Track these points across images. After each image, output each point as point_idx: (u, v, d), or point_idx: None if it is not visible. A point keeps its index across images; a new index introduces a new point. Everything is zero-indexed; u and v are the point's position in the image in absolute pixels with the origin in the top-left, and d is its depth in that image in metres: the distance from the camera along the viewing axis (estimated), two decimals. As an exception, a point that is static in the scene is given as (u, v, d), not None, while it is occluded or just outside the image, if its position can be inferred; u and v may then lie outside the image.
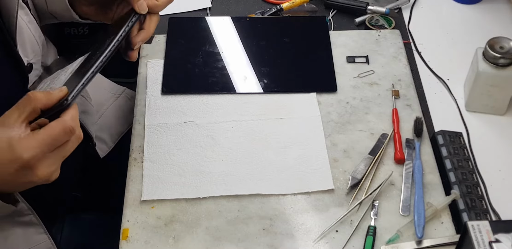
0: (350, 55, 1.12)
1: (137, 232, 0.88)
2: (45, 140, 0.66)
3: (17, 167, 0.65)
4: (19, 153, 0.65)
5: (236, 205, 0.91)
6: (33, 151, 0.65)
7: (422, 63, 1.14)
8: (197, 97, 1.05)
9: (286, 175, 0.95)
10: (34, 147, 0.65)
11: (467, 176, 0.93)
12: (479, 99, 1.04)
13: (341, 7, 1.24)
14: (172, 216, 0.90)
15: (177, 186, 0.93)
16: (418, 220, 0.88)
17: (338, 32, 1.17)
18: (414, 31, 1.21)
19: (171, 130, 1.01)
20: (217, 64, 1.10)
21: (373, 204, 0.91)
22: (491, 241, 0.74)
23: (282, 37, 1.15)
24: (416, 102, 1.05)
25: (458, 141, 0.98)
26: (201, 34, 1.16)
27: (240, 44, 1.14)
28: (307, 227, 0.89)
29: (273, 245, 0.87)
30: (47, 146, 0.66)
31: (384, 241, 0.87)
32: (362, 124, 1.02)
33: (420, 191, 0.92)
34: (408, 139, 0.99)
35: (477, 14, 1.24)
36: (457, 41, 1.19)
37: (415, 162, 0.95)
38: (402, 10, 1.26)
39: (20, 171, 0.66)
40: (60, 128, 0.66)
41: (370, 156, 0.96)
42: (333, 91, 1.06)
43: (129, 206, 0.91)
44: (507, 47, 0.98)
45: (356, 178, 0.94)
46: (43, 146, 0.66)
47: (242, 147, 0.98)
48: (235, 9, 1.26)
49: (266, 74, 1.09)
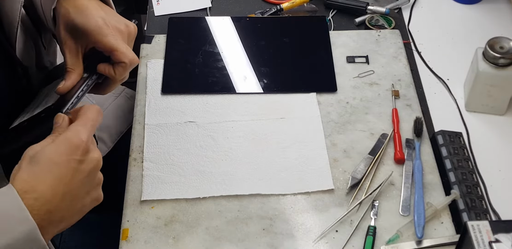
0: (350, 55, 1.12)
1: (137, 232, 0.88)
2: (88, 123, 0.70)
3: (81, 153, 0.67)
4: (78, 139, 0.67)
5: (236, 205, 0.91)
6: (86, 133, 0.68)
7: (422, 63, 1.14)
8: (197, 97, 1.05)
9: (286, 175, 0.95)
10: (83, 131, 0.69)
11: (467, 176, 0.93)
12: (479, 99, 1.04)
13: (341, 7, 1.24)
14: (172, 216, 0.90)
15: (177, 186, 0.93)
16: (418, 220, 0.88)
17: (338, 32, 1.17)
18: (414, 31, 1.21)
19: (171, 130, 1.01)
20: (217, 64, 1.10)
21: (373, 204, 0.91)
22: (491, 241, 0.74)
23: (282, 37, 1.15)
24: (416, 102, 1.05)
25: (458, 141, 0.98)
26: (201, 34, 1.16)
27: (240, 44, 1.14)
28: (307, 227, 0.89)
29: (273, 245, 0.87)
30: (91, 127, 0.70)
31: (384, 241, 0.87)
32: (362, 124, 1.02)
33: (420, 191, 0.92)
34: (408, 139, 0.99)
35: (477, 14, 1.24)
36: (457, 41, 1.19)
37: (415, 162, 0.95)
38: (402, 10, 1.26)
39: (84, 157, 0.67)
40: (94, 111, 0.72)
41: (370, 156, 0.96)
42: (333, 91, 1.06)
43: (129, 206, 0.91)
44: (507, 47, 0.98)
45: (356, 178, 0.94)
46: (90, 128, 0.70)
47: (242, 147, 0.98)
48: (235, 9, 1.26)
49: (266, 74, 1.09)
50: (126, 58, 0.81)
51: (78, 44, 0.82)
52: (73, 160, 0.66)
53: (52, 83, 0.91)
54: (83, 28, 0.81)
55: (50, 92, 0.88)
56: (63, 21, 0.82)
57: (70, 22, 0.81)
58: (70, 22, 0.81)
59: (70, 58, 0.82)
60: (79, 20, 0.81)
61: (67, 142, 0.67)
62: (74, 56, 0.82)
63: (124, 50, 0.81)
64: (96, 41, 0.81)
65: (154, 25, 1.22)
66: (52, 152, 0.65)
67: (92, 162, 0.68)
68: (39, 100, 0.88)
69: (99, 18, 0.82)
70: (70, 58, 0.82)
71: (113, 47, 0.81)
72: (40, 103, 0.86)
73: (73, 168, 0.66)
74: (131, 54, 0.82)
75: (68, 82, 0.80)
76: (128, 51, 0.82)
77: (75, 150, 0.66)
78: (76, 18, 0.81)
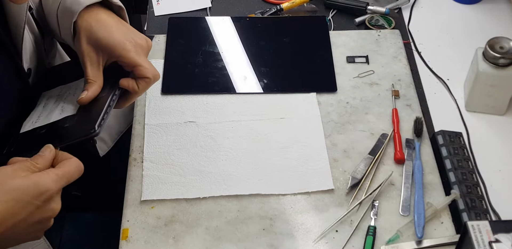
0: (350, 55, 1.12)
1: (137, 232, 0.88)
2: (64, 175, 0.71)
3: (43, 200, 0.68)
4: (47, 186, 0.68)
5: (236, 205, 0.91)
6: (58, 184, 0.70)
7: (422, 63, 1.14)
8: (197, 97, 1.06)
9: (286, 175, 0.95)
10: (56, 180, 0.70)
11: (467, 176, 0.93)
12: (479, 99, 1.04)
13: (341, 7, 1.24)
14: (172, 216, 0.90)
15: (177, 186, 0.93)
16: (418, 220, 0.88)
17: (338, 32, 1.17)
18: (414, 31, 1.21)
19: (171, 130, 1.01)
20: (217, 64, 1.10)
21: (373, 204, 0.91)
22: (491, 241, 0.74)
23: (282, 37, 1.15)
24: (416, 102, 1.05)
25: (458, 141, 0.98)
26: (201, 34, 1.16)
27: (240, 44, 1.14)
28: (307, 227, 0.89)
29: (273, 245, 0.87)
30: (66, 180, 0.71)
31: (384, 241, 0.87)
32: (362, 124, 1.02)
33: (420, 191, 0.92)
34: (408, 139, 0.99)
35: (477, 14, 1.24)
36: (457, 41, 1.19)
37: (415, 162, 0.95)
38: (402, 10, 1.26)
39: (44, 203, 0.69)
40: (75, 165, 0.73)
41: (370, 156, 0.96)
42: (333, 91, 1.06)
43: (129, 206, 0.91)
44: (507, 47, 0.98)
45: (356, 178, 0.94)
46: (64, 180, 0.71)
47: (242, 147, 0.98)
48: (235, 9, 1.26)
49: (266, 74, 1.09)
50: (150, 73, 0.83)
51: (99, 57, 0.84)
52: (33, 204, 0.67)
53: (55, 88, 0.92)
54: (107, 42, 0.82)
55: (59, 99, 0.89)
56: (85, 35, 0.83)
57: (93, 36, 0.83)
58: (93, 36, 0.83)
59: (91, 70, 0.83)
60: (102, 34, 0.82)
61: (36, 185, 0.68)
62: (95, 68, 0.84)
63: (148, 66, 0.83)
64: (119, 56, 0.83)
65: (154, 25, 1.22)
66: (18, 188, 0.67)
67: (49, 211, 0.70)
68: (49, 106, 0.88)
69: (121, 33, 0.84)
70: (92, 70, 0.83)
71: (137, 62, 0.82)
72: (52, 111, 0.86)
73: (29, 211, 0.68)
74: (154, 70, 0.84)
75: (90, 93, 0.82)
76: (151, 66, 0.84)
77: (39, 195, 0.68)
78: (99, 32, 0.83)
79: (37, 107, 0.89)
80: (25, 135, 0.84)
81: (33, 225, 0.69)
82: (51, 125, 0.84)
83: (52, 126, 0.83)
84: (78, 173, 0.73)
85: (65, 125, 0.83)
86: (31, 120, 0.86)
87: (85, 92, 0.82)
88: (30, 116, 0.88)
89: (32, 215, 0.68)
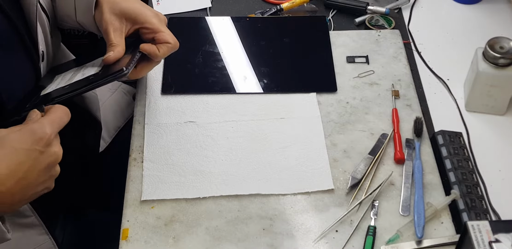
0: (350, 55, 1.12)
1: (137, 232, 0.88)
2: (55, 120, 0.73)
3: (43, 145, 0.70)
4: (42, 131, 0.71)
5: (236, 205, 0.91)
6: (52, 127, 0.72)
7: (422, 63, 1.14)
8: (197, 97, 1.06)
9: (286, 175, 0.95)
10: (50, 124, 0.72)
11: (467, 176, 0.93)
12: (479, 99, 1.04)
13: (341, 7, 1.24)
14: (172, 216, 0.90)
15: (177, 186, 0.93)
16: (418, 220, 0.88)
17: (338, 32, 1.17)
18: (414, 31, 1.21)
19: (171, 130, 1.01)
20: (217, 64, 1.10)
21: (373, 204, 0.91)
22: (491, 241, 0.74)
23: (282, 37, 1.15)
24: (416, 102, 1.05)
25: (458, 141, 0.98)
26: (201, 34, 1.16)
27: (240, 44, 1.14)
28: (307, 227, 0.89)
29: (273, 245, 0.87)
30: (57, 124, 0.73)
31: (384, 241, 0.87)
32: (362, 124, 1.02)
33: (420, 191, 0.92)
34: (408, 139, 0.99)
35: (477, 14, 1.24)
36: (457, 41, 1.19)
37: (415, 162, 0.95)
38: (402, 10, 1.26)
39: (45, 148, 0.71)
40: (61, 110, 0.75)
41: (370, 156, 0.96)
42: (333, 91, 1.06)
43: (129, 206, 0.91)
44: (507, 47, 0.98)
45: (356, 178, 0.94)
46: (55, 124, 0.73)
47: (242, 147, 0.98)
48: (235, 9, 1.26)
49: (266, 74, 1.09)
50: (172, 39, 0.90)
51: (122, 25, 0.90)
52: (34, 150, 0.70)
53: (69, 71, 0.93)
54: (132, 11, 0.90)
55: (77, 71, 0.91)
56: (108, 6, 0.90)
57: (116, 6, 0.90)
58: (117, 6, 0.90)
59: (115, 36, 0.89)
60: (126, 4, 0.90)
61: (32, 132, 0.70)
62: (118, 35, 0.89)
63: (169, 32, 0.91)
64: (144, 22, 0.90)
65: (154, 25, 1.22)
66: (16, 139, 0.69)
67: (52, 155, 0.72)
68: (68, 76, 0.90)
69: (142, 4, 0.92)
70: (115, 36, 0.89)
71: (160, 28, 0.90)
72: (73, 76, 0.89)
73: (33, 157, 0.70)
74: (174, 37, 0.91)
75: (116, 53, 0.87)
76: (172, 34, 0.91)
77: (38, 141, 0.70)
78: (122, 2, 0.90)
79: (54, 81, 0.90)
80: (46, 96, 0.85)
81: (42, 172, 0.71)
82: (75, 83, 0.86)
83: (75, 83, 0.86)
84: (66, 117, 0.75)
85: (90, 77, 0.86)
86: (50, 87, 0.87)
87: (111, 52, 0.87)
88: (49, 85, 0.89)
89: (38, 161, 0.70)
